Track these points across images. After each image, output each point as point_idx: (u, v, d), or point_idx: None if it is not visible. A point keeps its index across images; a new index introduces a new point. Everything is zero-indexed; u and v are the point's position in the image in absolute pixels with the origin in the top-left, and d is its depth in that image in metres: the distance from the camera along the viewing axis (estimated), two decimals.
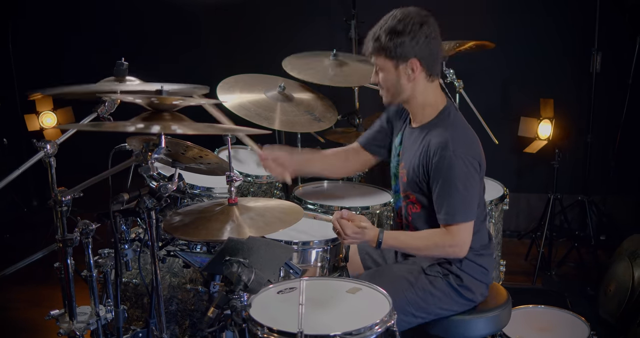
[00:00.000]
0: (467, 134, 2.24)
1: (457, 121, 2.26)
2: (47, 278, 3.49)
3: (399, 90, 2.26)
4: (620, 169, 4.25)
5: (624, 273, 3.29)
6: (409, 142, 2.35)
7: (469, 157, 2.15)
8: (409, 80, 2.22)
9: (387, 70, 2.23)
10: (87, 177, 1.96)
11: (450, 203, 2.16)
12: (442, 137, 2.17)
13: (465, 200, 2.16)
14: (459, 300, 2.28)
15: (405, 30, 2.15)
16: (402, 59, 2.18)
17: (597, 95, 4.19)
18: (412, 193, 2.30)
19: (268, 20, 4.71)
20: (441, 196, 2.17)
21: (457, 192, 2.14)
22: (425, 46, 2.17)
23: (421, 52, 2.17)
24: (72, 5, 4.87)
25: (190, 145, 1.97)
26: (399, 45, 2.16)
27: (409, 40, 2.15)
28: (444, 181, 2.15)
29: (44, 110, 4.60)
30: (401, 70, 2.20)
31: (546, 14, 4.34)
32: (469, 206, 2.18)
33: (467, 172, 2.15)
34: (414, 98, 2.28)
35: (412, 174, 2.27)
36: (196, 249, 2.45)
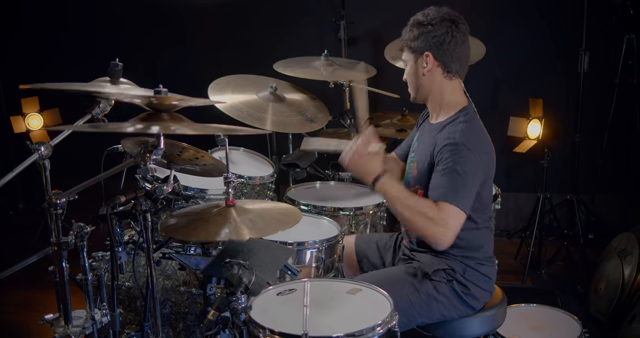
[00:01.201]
0: (481, 133, 2.23)
1: (474, 121, 2.24)
2: (36, 282, 3.46)
3: (417, 84, 2.30)
4: (608, 168, 4.29)
5: (614, 271, 3.32)
6: (424, 137, 2.37)
7: (478, 151, 2.13)
8: (424, 73, 2.25)
9: (409, 63, 2.30)
10: (75, 179, 1.94)
11: (446, 184, 2.09)
12: (453, 133, 2.16)
13: (463, 186, 2.09)
14: (461, 307, 2.27)
15: (424, 22, 2.20)
16: (419, 51, 2.24)
17: (585, 94, 4.22)
18: (421, 188, 2.28)
19: (257, 20, 4.69)
20: (439, 177, 2.12)
21: (457, 176, 2.09)
22: (442, 42, 2.20)
23: (436, 46, 2.20)
24: (60, 6, 4.82)
25: (186, 147, 1.95)
26: (417, 37, 2.22)
27: (426, 33, 2.20)
28: (446, 164, 2.11)
29: (30, 111, 4.53)
30: (418, 63, 2.26)
31: (534, 14, 4.37)
32: (466, 195, 2.10)
33: (472, 164, 2.11)
34: (432, 94, 2.30)
35: (421, 167, 2.27)
36: (190, 251, 2.43)
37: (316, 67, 3.42)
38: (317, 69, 3.41)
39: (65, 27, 4.87)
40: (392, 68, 3.58)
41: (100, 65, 2.29)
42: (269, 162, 3.17)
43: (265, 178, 2.91)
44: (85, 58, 4.63)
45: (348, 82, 3.64)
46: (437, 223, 2.06)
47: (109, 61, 2.17)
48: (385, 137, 3.52)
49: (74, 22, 4.88)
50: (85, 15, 4.86)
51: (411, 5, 2.37)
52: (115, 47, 4.69)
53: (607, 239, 3.71)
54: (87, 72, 2.26)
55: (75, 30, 4.86)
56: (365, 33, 4.55)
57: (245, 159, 3.16)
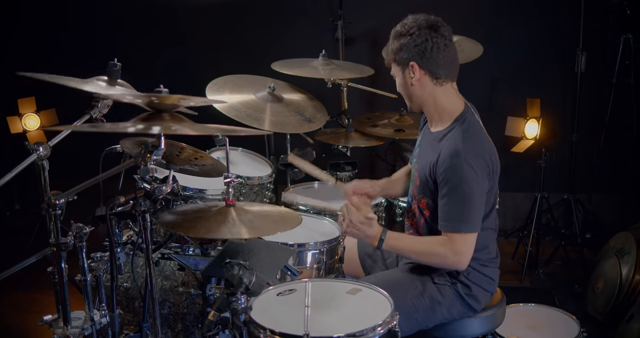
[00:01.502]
0: (481, 143, 2.19)
1: (472, 128, 2.21)
2: (34, 283, 3.44)
3: (409, 94, 2.28)
4: (605, 167, 4.30)
5: (611, 270, 3.33)
6: (425, 145, 2.35)
7: (479, 168, 2.11)
8: (413, 84, 2.22)
9: (398, 75, 2.28)
10: (72, 179, 1.93)
11: (455, 212, 2.12)
12: (454, 146, 2.13)
13: (472, 211, 2.12)
14: (462, 309, 2.27)
15: (405, 33, 2.18)
16: (404, 63, 2.21)
17: (582, 94, 4.22)
18: (424, 197, 2.27)
19: (254, 20, 4.68)
20: (447, 203, 2.13)
21: (463, 203, 2.10)
22: (424, 50, 2.16)
23: (419, 55, 2.17)
24: (58, 6, 4.80)
25: (186, 147, 1.94)
26: (400, 49, 2.19)
27: (406, 43, 2.17)
28: (451, 189, 2.11)
29: (26, 112, 4.52)
30: (406, 74, 2.23)
31: (531, 14, 4.37)
32: (474, 217, 2.13)
33: (476, 183, 2.11)
34: (426, 102, 2.27)
35: (423, 179, 2.25)
36: (189, 252, 2.43)
37: (314, 67, 3.43)
38: (315, 69, 3.41)
39: (64, 27, 4.85)
40: (389, 68, 3.57)
41: (98, 65, 2.28)
42: (267, 162, 3.16)
43: (264, 179, 2.90)
44: (83, 58, 4.60)
45: (346, 81, 3.64)
46: (453, 255, 2.14)
47: (106, 61, 2.16)
48: (383, 137, 3.53)
49: (72, 22, 4.87)
50: (83, 15, 4.84)
51: (409, 5, 2.37)
52: (114, 47, 4.68)
53: (604, 238, 3.72)
54: (85, 72, 2.25)
55: (73, 30, 4.84)
56: (363, 33, 4.54)
57: (244, 159, 3.15)
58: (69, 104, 3.23)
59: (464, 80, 2.38)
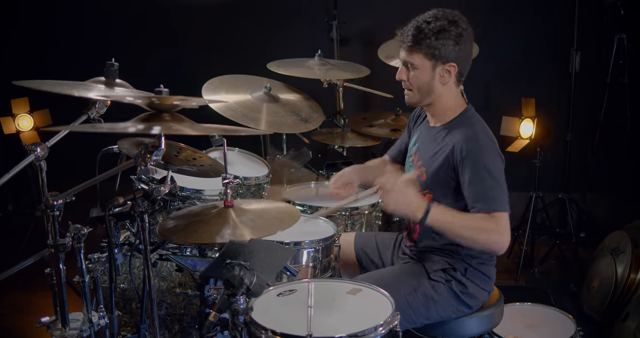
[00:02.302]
0: (489, 133, 2.23)
1: (480, 120, 2.26)
2: (30, 285, 3.42)
3: (429, 91, 2.24)
4: (599, 167, 4.31)
5: (606, 269, 3.34)
6: (428, 140, 2.34)
7: (496, 150, 2.16)
8: (441, 82, 2.21)
9: (423, 69, 2.21)
10: (66, 180, 1.92)
11: (487, 193, 2.08)
12: (468, 133, 2.15)
13: (501, 190, 2.10)
14: (459, 307, 2.27)
15: (453, 32, 2.15)
16: (442, 60, 2.17)
17: (576, 94, 4.24)
18: (431, 192, 2.26)
19: (249, 20, 4.68)
20: (475, 188, 2.10)
21: (493, 182, 2.09)
22: (465, 52, 2.18)
23: (461, 57, 2.18)
24: (52, 6, 4.78)
25: (184, 147, 1.94)
26: (444, 46, 2.15)
27: (454, 43, 2.15)
28: (477, 173, 2.09)
29: (20, 112, 4.49)
30: (437, 71, 2.20)
31: (526, 14, 4.39)
32: (505, 198, 2.11)
33: (498, 165, 2.13)
34: (439, 101, 2.26)
35: (434, 172, 2.24)
36: (186, 252, 2.42)
37: (310, 67, 3.43)
38: (311, 69, 3.41)
39: (56, 26, 4.83)
40: (385, 68, 3.58)
41: (90, 65, 2.27)
42: (263, 162, 3.16)
43: (261, 179, 2.90)
44: (74, 58, 4.59)
45: (342, 81, 3.64)
46: (497, 233, 2.06)
47: (98, 61, 2.15)
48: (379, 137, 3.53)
49: (64, 22, 4.84)
50: (75, 15, 4.82)
51: (404, 5, 2.36)
52: (106, 47, 4.65)
53: (598, 238, 3.74)
54: (79, 72, 2.23)
55: (65, 30, 4.82)
56: (358, 33, 4.55)
57: (240, 160, 3.14)
58: (63, 104, 3.22)
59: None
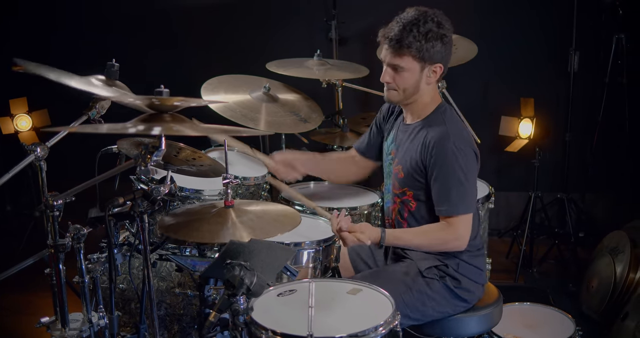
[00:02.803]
0: (463, 129, 2.29)
1: (453, 117, 2.31)
2: (28, 285, 3.41)
3: (415, 91, 2.28)
4: (598, 167, 4.32)
5: (605, 269, 3.34)
6: (404, 138, 2.37)
7: (468, 149, 2.19)
8: (427, 82, 2.26)
9: (411, 71, 2.23)
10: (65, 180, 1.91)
11: (452, 195, 2.16)
12: (441, 130, 2.20)
13: (467, 192, 2.18)
14: (455, 302, 2.29)
15: (443, 35, 2.19)
16: (430, 62, 2.21)
17: (575, 94, 4.24)
18: (410, 189, 2.29)
19: (247, 20, 4.67)
20: (442, 188, 2.18)
21: (459, 184, 2.16)
22: (449, 52, 2.23)
23: (446, 58, 2.23)
24: (50, 7, 4.77)
25: (184, 147, 1.94)
26: (432, 49, 2.18)
27: (441, 45, 2.19)
28: (445, 173, 2.16)
29: (18, 112, 4.48)
30: (424, 72, 2.23)
31: (525, 14, 4.38)
32: (470, 198, 2.20)
33: (468, 164, 2.17)
34: (421, 98, 2.30)
35: (410, 169, 2.28)
36: (186, 253, 2.42)
37: (309, 67, 3.42)
38: (309, 69, 3.41)
39: (55, 27, 4.82)
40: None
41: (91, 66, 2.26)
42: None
43: (260, 179, 2.90)
44: (73, 59, 4.56)
45: (341, 81, 3.64)
46: (452, 239, 2.21)
47: (97, 62, 2.14)
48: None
49: (65, 23, 4.83)
50: (77, 16, 4.81)
51: (402, 5, 2.36)
52: (105, 47, 4.65)
53: (597, 237, 3.74)
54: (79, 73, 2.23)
55: (65, 31, 4.81)
56: (357, 33, 4.54)
57: (239, 160, 3.14)
58: (62, 105, 3.21)
59: (458, 79, 2.41)
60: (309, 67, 3.43)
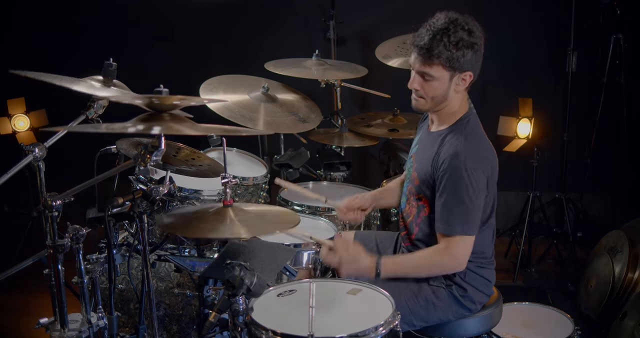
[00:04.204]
0: (480, 144, 2.20)
1: (474, 130, 2.22)
2: (25, 286, 3.40)
3: (443, 99, 2.20)
4: (596, 167, 4.32)
5: (604, 269, 3.34)
6: (424, 145, 2.33)
7: (478, 171, 2.11)
8: (456, 90, 2.19)
9: (441, 80, 2.16)
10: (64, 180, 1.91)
11: (452, 214, 2.11)
12: (454, 147, 2.13)
13: (469, 213, 2.12)
14: (459, 310, 2.27)
15: (474, 44, 2.13)
16: (460, 70, 2.15)
17: (573, 94, 4.24)
18: (425, 197, 2.26)
19: (245, 20, 4.66)
20: (445, 205, 2.13)
21: (462, 204, 2.10)
22: (480, 59, 2.17)
23: (476, 65, 2.17)
24: (49, 6, 4.76)
25: (183, 147, 1.93)
26: (462, 58, 2.12)
27: (473, 54, 2.14)
28: (450, 191, 2.11)
29: (16, 113, 4.47)
30: (454, 81, 2.17)
31: (523, 14, 4.39)
32: (472, 220, 2.13)
33: (475, 186, 2.10)
34: (449, 106, 2.23)
35: (423, 178, 2.24)
36: (185, 253, 2.42)
37: (307, 67, 3.42)
38: (308, 69, 3.41)
39: (53, 27, 4.81)
40: (382, 68, 3.58)
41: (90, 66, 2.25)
42: (262, 162, 3.16)
43: (259, 179, 2.90)
44: (74, 59, 4.57)
45: (339, 81, 3.64)
46: (450, 261, 2.16)
47: (97, 62, 2.14)
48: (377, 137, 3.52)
49: (63, 23, 4.82)
50: (75, 16, 4.80)
51: (401, 5, 2.35)
52: (102, 47, 4.64)
53: (595, 237, 3.74)
54: (77, 73, 2.22)
55: (64, 31, 4.81)
56: (355, 33, 4.54)
57: (238, 160, 3.14)
58: (59, 105, 3.21)
59: None
60: (307, 67, 3.43)
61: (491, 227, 2.30)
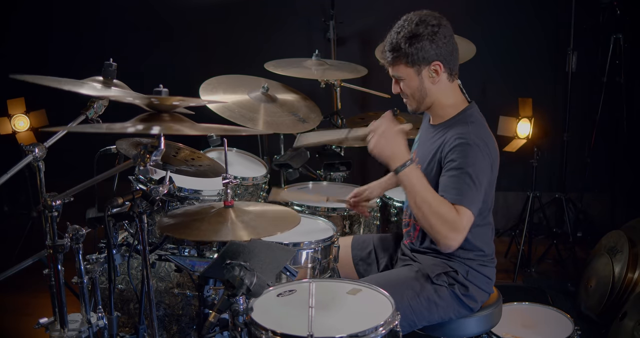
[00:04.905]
0: (486, 133, 2.20)
1: (477, 120, 2.23)
2: (25, 286, 3.41)
3: (424, 94, 2.22)
4: (596, 167, 4.33)
5: (604, 269, 3.35)
6: (426, 138, 2.34)
7: (488, 152, 2.11)
8: (433, 82, 2.20)
9: (409, 77, 2.20)
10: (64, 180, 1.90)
11: (459, 186, 2.06)
12: (461, 129, 2.14)
13: (474, 189, 2.07)
14: (460, 309, 2.27)
15: (424, 33, 2.13)
16: (425, 62, 2.16)
17: (573, 94, 4.25)
18: None
19: (246, 20, 4.67)
20: (449, 178, 2.09)
21: (468, 179, 2.06)
22: (445, 46, 2.16)
23: (442, 53, 2.16)
24: (49, 7, 4.76)
25: (183, 147, 1.93)
26: (420, 50, 2.13)
27: (429, 43, 2.13)
28: (456, 166, 2.08)
29: (16, 113, 4.47)
30: (424, 74, 2.18)
31: (523, 14, 4.39)
32: (476, 197, 2.08)
33: (483, 165, 2.10)
34: (437, 100, 2.25)
35: (425, 168, 2.24)
36: (184, 253, 2.41)
37: (307, 67, 3.42)
38: (308, 69, 3.41)
39: (53, 28, 4.82)
40: (382, 68, 3.56)
41: (90, 66, 2.25)
42: (261, 162, 3.15)
43: (258, 179, 2.89)
44: (74, 59, 4.58)
45: (339, 81, 3.64)
46: (453, 227, 2.03)
47: (95, 61, 2.14)
48: None
49: (63, 24, 4.83)
50: (75, 16, 4.80)
51: (401, 5, 2.35)
52: (102, 47, 4.64)
53: (595, 237, 3.75)
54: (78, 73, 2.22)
55: (64, 32, 4.81)
56: (355, 33, 4.54)
57: (238, 160, 3.14)
58: (60, 105, 3.21)
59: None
60: (307, 67, 3.43)
61: (491, 219, 2.32)
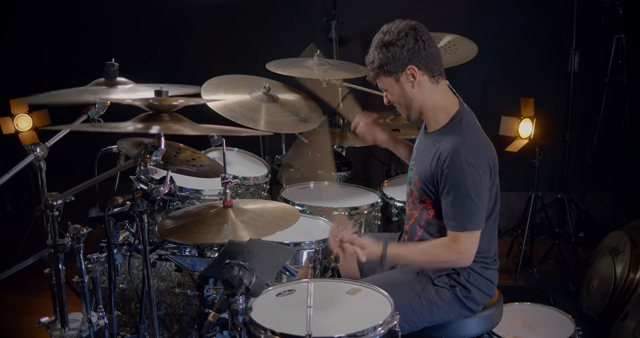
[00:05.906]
0: (479, 139, 2.22)
1: (469, 126, 2.23)
2: (26, 285, 3.41)
3: (409, 100, 2.24)
4: (598, 167, 4.32)
5: (606, 269, 3.34)
6: (422, 147, 2.34)
7: (480, 164, 2.13)
8: (413, 86, 2.21)
9: (391, 86, 2.24)
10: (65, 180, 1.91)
11: (460, 211, 2.13)
12: (453, 144, 2.14)
13: (476, 209, 2.13)
14: (461, 311, 2.27)
15: (392, 40, 2.16)
16: (399, 69, 2.18)
17: (575, 94, 4.24)
18: (428, 199, 2.28)
19: (247, 20, 4.67)
20: (452, 203, 2.14)
21: (468, 200, 2.12)
22: (417, 50, 2.16)
23: (415, 57, 2.16)
24: (49, 7, 4.77)
25: (183, 147, 1.94)
26: (392, 57, 2.16)
27: (399, 49, 2.15)
28: (455, 189, 2.12)
29: (18, 112, 4.48)
30: (402, 80, 2.20)
31: (525, 14, 4.38)
32: (479, 215, 2.14)
33: (478, 181, 2.12)
34: (425, 105, 2.25)
35: (424, 180, 2.25)
36: (185, 252, 2.42)
37: (309, 67, 3.42)
38: (309, 68, 3.40)
39: (53, 28, 4.82)
40: None
41: (92, 67, 2.26)
42: (262, 162, 3.16)
43: (260, 179, 2.90)
44: (76, 60, 4.59)
45: (340, 81, 3.63)
46: (456, 256, 2.17)
47: (99, 63, 2.14)
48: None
49: (64, 24, 4.83)
50: (76, 16, 4.81)
51: (402, 5, 2.35)
52: (106, 47, 4.65)
53: (597, 237, 3.74)
54: (79, 74, 2.23)
55: (64, 32, 4.82)
56: (357, 33, 4.54)
57: (239, 160, 3.15)
58: (62, 105, 3.20)
59: (458, 79, 2.38)
60: (309, 67, 3.43)
61: (495, 222, 2.31)
